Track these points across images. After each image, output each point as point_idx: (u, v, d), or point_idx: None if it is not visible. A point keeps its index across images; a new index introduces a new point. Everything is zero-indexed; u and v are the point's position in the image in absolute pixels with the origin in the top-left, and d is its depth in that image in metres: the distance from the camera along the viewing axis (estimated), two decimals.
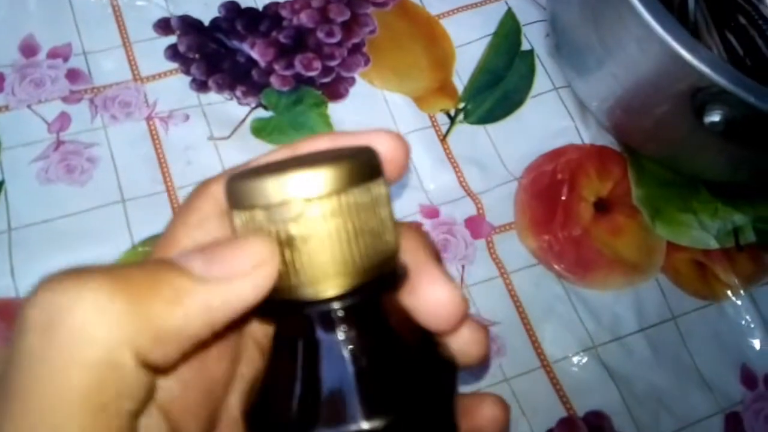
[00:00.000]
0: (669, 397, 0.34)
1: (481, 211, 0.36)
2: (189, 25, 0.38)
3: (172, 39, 0.38)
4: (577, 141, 0.38)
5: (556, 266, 0.36)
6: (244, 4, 0.39)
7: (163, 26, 0.38)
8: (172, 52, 0.37)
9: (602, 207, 0.37)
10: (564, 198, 0.37)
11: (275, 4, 0.39)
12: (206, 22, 0.38)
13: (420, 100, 0.39)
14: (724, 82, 0.28)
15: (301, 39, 0.39)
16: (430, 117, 0.38)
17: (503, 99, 0.39)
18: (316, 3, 0.40)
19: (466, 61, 0.40)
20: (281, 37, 0.38)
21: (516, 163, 0.38)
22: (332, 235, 0.15)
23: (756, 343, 0.36)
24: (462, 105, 0.39)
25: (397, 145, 0.17)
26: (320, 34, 0.39)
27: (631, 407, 0.33)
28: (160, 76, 0.36)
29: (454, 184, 0.37)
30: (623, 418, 0.33)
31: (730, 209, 0.38)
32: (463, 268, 0.35)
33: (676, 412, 0.33)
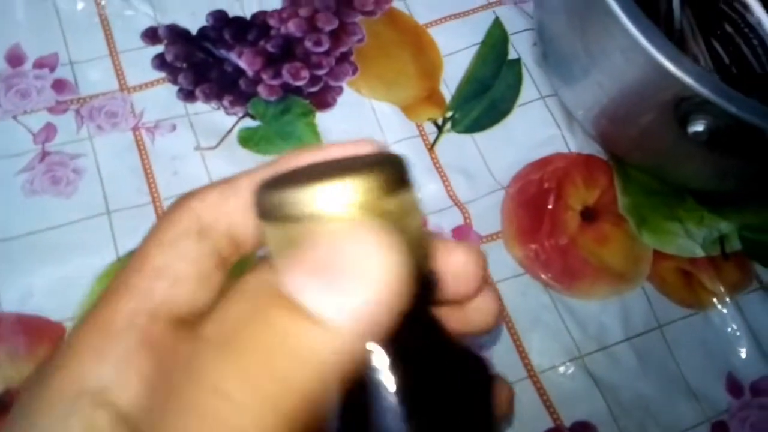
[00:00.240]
0: (655, 407, 0.34)
1: (468, 221, 0.36)
2: (176, 35, 0.38)
3: (160, 48, 0.37)
4: (564, 150, 0.39)
5: (542, 275, 0.36)
6: (231, 13, 0.39)
7: (151, 35, 0.38)
8: (160, 62, 0.37)
9: (589, 216, 0.37)
10: (551, 207, 0.37)
11: (263, 14, 0.39)
12: (194, 31, 0.38)
13: (408, 109, 0.39)
14: (707, 93, 0.29)
15: (289, 48, 0.39)
16: (418, 126, 0.38)
17: (491, 108, 0.39)
18: (303, 12, 0.40)
19: (454, 70, 0.40)
20: (269, 47, 0.38)
21: (503, 172, 0.38)
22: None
23: (742, 352, 0.36)
24: (449, 114, 0.39)
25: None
26: (308, 43, 0.39)
27: (618, 417, 0.33)
28: (147, 85, 0.36)
29: (441, 194, 0.37)
30: (610, 428, 0.33)
31: (716, 217, 0.39)
32: None
33: (663, 422, 0.34)
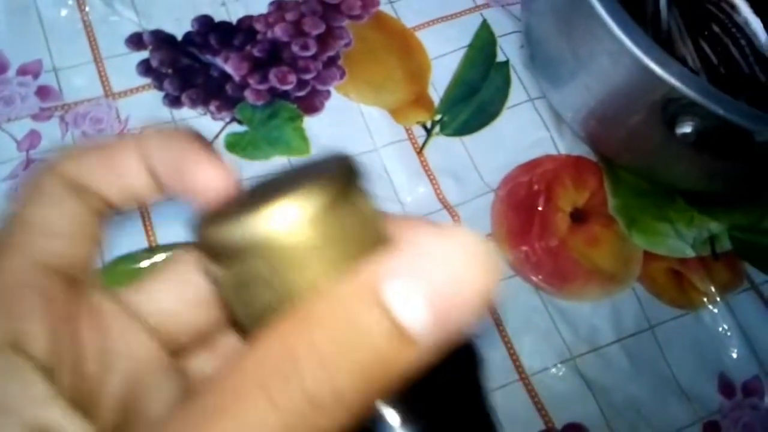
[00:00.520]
0: (647, 407, 0.34)
1: (458, 223, 0.36)
2: (162, 40, 0.38)
3: (145, 54, 0.37)
4: (553, 151, 0.38)
5: (533, 277, 0.35)
6: (217, 18, 0.39)
7: (136, 41, 0.37)
8: (145, 68, 0.37)
9: (579, 217, 0.37)
10: (540, 209, 0.37)
11: (249, 18, 0.39)
12: (179, 36, 0.38)
13: (396, 113, 0.39)
14: (693, 95, 0.29)
15: (276, 52, 0.38)
16: (406, 129, 0.38)
17: (479, 110, 0.39)
18: (290, 16, 0.40)
19: (442, 72, 0.40)
20: (255, 51, 0.38)
21: (492, 175, 0.38)
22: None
23: (733, 352, 0.36)
24: (438, 117, 0.39)
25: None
26: (295, 48, 0.39)
27: (610, 418, 0.33)
28: (132, 91, 0.36)
29: (430, 197, 0.37)
30: (602, 429, 0.33)
31: (706, 218, 0.39)
32: None
33: (655, 422, 0.33)
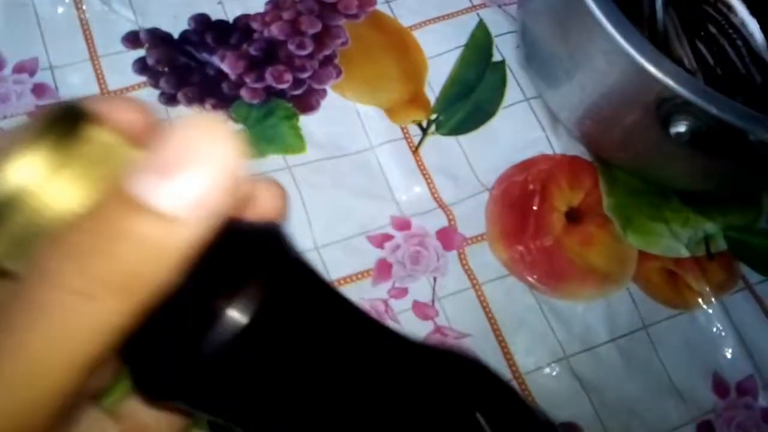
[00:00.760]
0: (641, 407, 0.34)
1: (452, 223, 0.36)
2: (158, 38, 0.38)
3: (141, 52, 0.37)
4: (549, 151, 0.39)
5: (527, 277, 0.36)
6: (214, 17, 0.39)
7: (132, 39, 0.38)
8: (141, 66, 0.37)
9: (574, 217, 0.37)
10: (535, 208, 0.37)
11: (246, 17, 0.39)
12: (176, 34, 0.38)
13: (392, 112, 0.39)
14: (687, 94, 0.29)
15: (272, 51, 0.39)
16: (402, 129, 0.38)
17: (475, 110, 0.39)
18: (287, 15, 0.40)
19: (438, 72, 0.40)
20: (252, 50, 0.38)
21: (487, 174, 0.38)
22: None
23: (728, 352, 0.36)
24: (434, 116, 0.39)
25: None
26: (291, 47, 0.39)
27: (603, 418, 0.33)
28: (129, 89, 0.36)
29: (425, 196, 0.37)
30: (596, 428, 0.33)
31: (701, 218, 0.39)
32: (435, 280, 0.35)
33: (648, 422, 0.33)
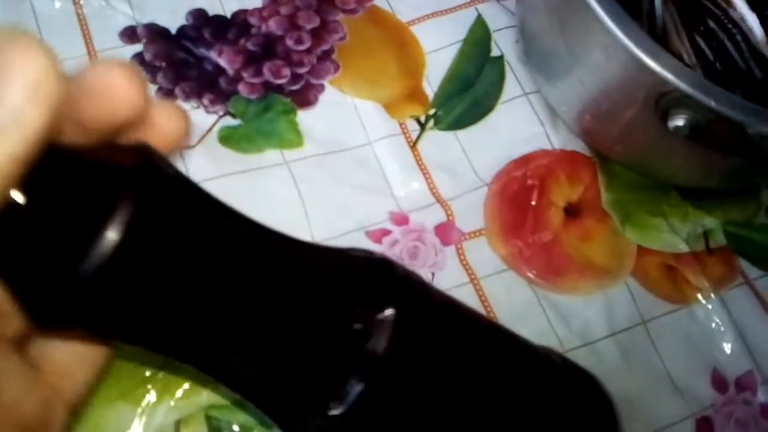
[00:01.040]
0: (639, 402, 0.34)
1: (451, 218, 0.36)
2: (156, 33, 0.38)
3: (139, 47, 0.37)
4: (547, 146, 0.38)
5: (526, 272, 0.35)
6: (212, 12, 0.39)
7: (129, 34, 0.37)
8: (138, 61, 0.37)
9: (572, 212, 0.37)
10: (534, 203, 0.37)
11: (243, 12, 0.39)
12: (173, 30, 0.38)
13: (390, 107, 0.39)
14: (685, 87, 0.29)
15: (270, 46, 0.38)
16: (401, 124, 0.38)
17: (474, 105, 0.39)
18: (284, 10, 0.39)
19: (437, 67, 0.40)
20: (249, 45, 0.38)
21: (486, 169, 0.38)
22: None
23: (727, 347, 0.36)
24: (432, 111, 0.39)
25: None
26: (289, 42, 0.39)
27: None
28: None
29: (424, 191, 0.37)
30: None
31: (701, 212, 0.39)
32: (433, 275, 0.35)
33: (647, 417, 0.33)
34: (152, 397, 0.30)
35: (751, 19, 0.39)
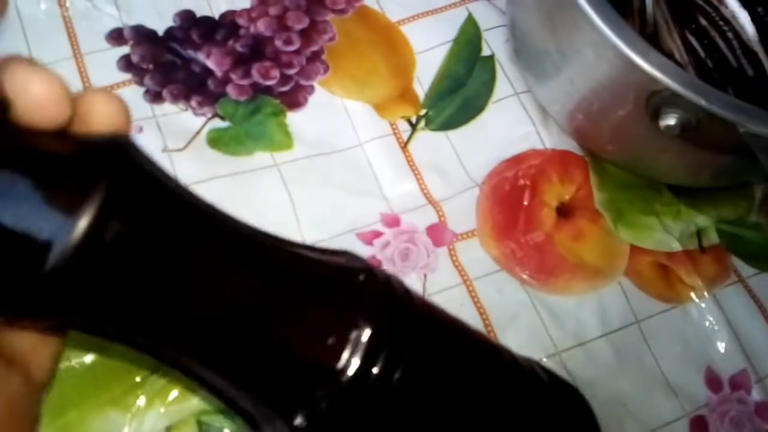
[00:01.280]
0: (633, 402, 0.33)
1: (442, 219, 0.36)
2: (143, 35, 0.37)
3: (125, 49, 0.37)
4: (539, 146, 0.38)
5: (519, 272, 0.35)
6: (199, 13, 0.39)
7: (116, 37, 0.37)
8: (125, 63, 0.36)
9: (565, 212, 0.37)
10: (526, 203, 0.37)
11: (232, 13, 0.39)
12: (160, 31, 0.38)
13: (380, 108, 0.38)
14: (675, 86, 0.28)
15: (259, 47, 0.38)
16: (391, 124, 0.38)
17: (465, 105, 0.39)
18: (273, 11, 0.39)
19: (427, 67, 0.40)
20: (238, 46, 0.38)
21: (478, 170, 0.37)
22: None
23: (721, 346, 0.36)
24: (423, 112, 0.39)
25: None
26: (278, 42, 0.38)
27: (596, 413, 0.33)
28: (113, 87, 0.36)
29: (415, 192, 0.36)
30: None
31: (693, 211, 0.38)
32: (425, 276, 0.34)
33: (641, 417, 0.33)
34: (142, 403, 0.29)
35: (743, 17, 0.38)
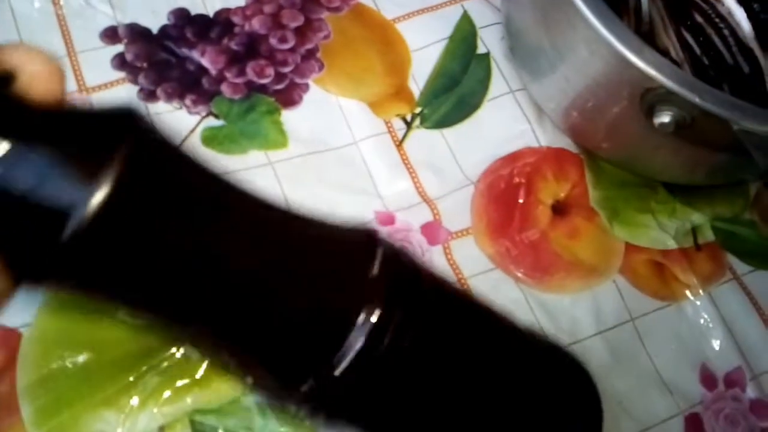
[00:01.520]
0: (628, 400, 0.33)
1: (437, 217, 0.36)
2: (137, 33, 0.37)
3: (120, 48, 0.37)
4: (534, 144, 0.38)
5: (514, 270, 0.35)
6: (194, 11, 0.38)
7: (110, 35, 0.37)
8: (120, 61, 0.36)
9: (560, 210, 0.37)
10: (521, 201, 0.37)
11: (226, 10, 0.39)
12: (155, 30, 0.37)
13: (375, 106, 0.38)
14: (670, 84, 0.28)
15: (253, 45, 0.38)
16: (386, 123, 0.38)
17: (460, 103, 0.39)
18: (268, 9, 0.39)
19: (423, 65, 0.40)
20: (233, 44, 0.38)
21: (473, 168, 0.37)
22: None
23: (715, 343, 0.36)
24: (418, 110, 0.38)
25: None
26: (273, 40, 0.38)
27: None
28: (107, 86, 0.36)
29: (410, 190, 0.36)
30: None
31: (688, 209, 0.38)
32: None
33: (636, 415, 0.33)
34: (135, 402, 0.29)
35: (739, 14, 0.38)
